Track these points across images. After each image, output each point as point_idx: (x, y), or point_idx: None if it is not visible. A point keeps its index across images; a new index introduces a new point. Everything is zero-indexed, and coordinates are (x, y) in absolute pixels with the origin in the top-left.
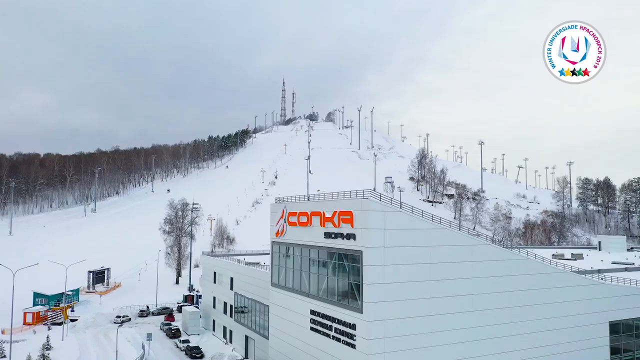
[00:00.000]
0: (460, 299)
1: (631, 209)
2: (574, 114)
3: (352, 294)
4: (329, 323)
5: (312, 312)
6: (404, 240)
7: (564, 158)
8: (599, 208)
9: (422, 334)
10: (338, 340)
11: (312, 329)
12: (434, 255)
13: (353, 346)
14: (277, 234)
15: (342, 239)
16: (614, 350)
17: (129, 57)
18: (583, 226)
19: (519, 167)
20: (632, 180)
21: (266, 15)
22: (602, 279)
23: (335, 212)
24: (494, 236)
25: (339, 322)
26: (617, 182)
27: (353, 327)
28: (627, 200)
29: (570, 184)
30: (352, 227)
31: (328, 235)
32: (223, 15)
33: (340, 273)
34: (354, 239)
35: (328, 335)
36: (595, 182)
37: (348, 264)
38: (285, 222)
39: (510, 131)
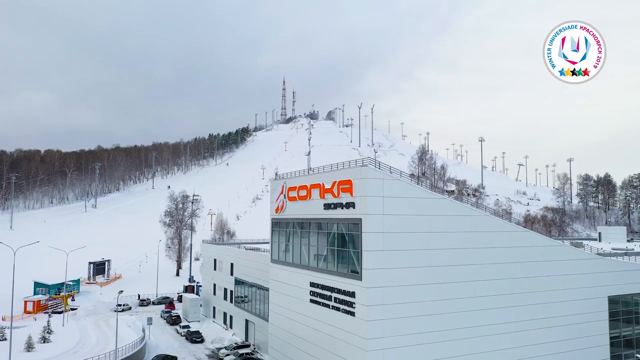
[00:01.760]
0: (460, 269)
1: (631, 205)
2: (574, 114)
3: (352, 263)
4: (329, 293)
5: (312, 285)
6: (403, 209)
7: (564, 157)
8: (599, 204)
9: (421, 301)
10: (337, 309)
11: (311, 301)
12: (434, 224)
13: (352, 314)
14: (277, 210)
15: (342, 208)
16: (613, 325)
17: (130, 56)
18: (583, 222)
19: (520, 165)
20: (632, 177)
21: (267, 14)
22: None
23: (334, 182)
24: None
25: (339, 291)
26: (618, 180)
27: (352, 294)
28: (627, 196)
29: (570, 180)
30: (352, 195)
31: (327, 206)
32: (224, 15)
33: (340, 243)
34: (354, 207)
35: (328, 306)
36: (596, 178)
37: (347, 233)
38: (285, 197)
39: (510, 131)
